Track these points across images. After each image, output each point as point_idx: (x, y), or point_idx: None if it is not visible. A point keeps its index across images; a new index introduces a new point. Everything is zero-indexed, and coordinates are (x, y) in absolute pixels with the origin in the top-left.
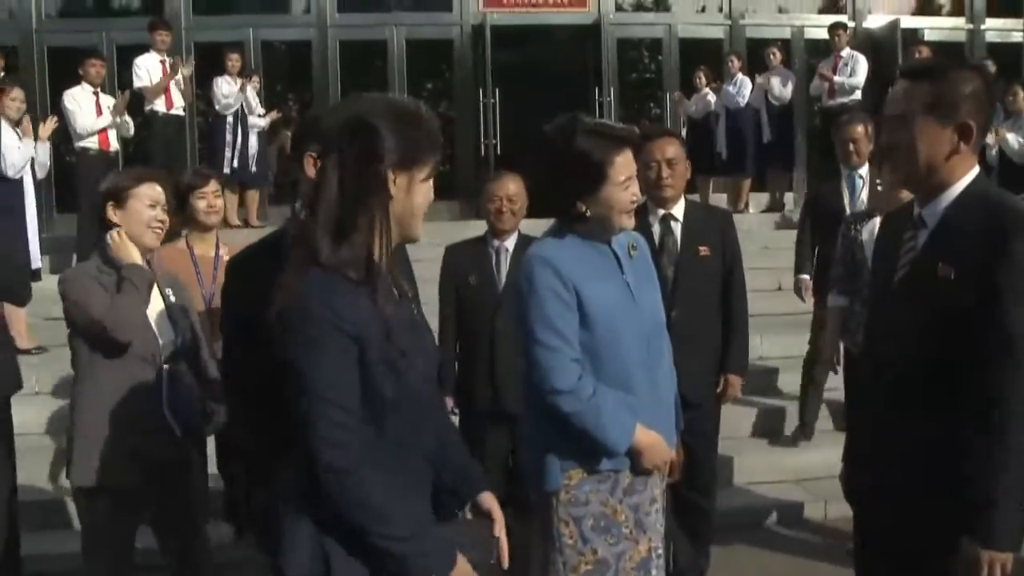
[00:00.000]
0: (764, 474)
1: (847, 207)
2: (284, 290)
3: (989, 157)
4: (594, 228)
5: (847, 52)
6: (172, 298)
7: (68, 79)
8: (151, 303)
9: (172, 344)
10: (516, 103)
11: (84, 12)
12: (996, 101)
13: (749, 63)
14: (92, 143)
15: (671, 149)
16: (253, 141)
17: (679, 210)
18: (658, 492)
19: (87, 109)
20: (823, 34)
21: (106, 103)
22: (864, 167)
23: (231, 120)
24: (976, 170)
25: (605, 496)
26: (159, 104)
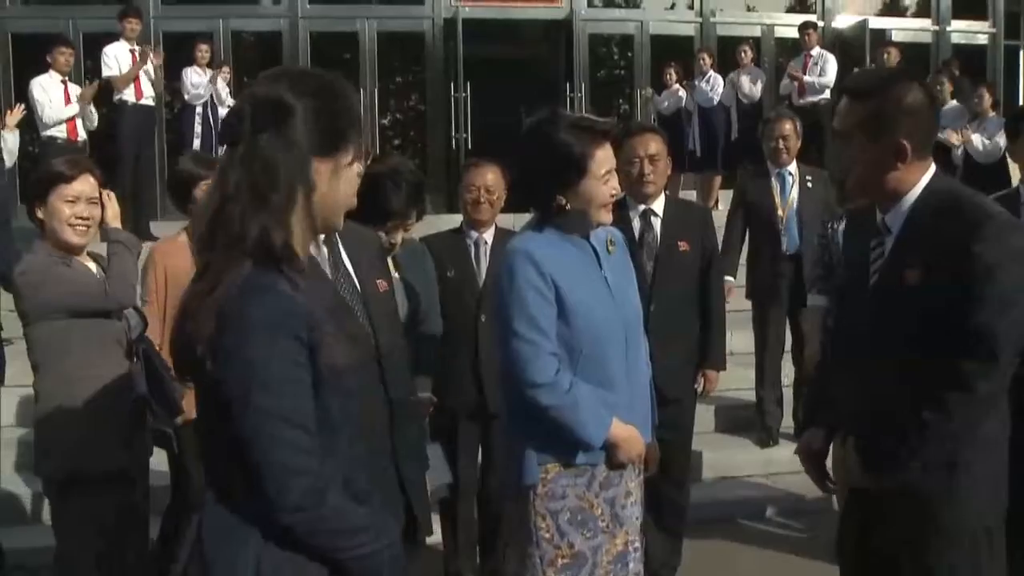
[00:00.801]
0: (733, 469)
1: (779, 206)
2: (210, 295)
3: (955, 157)
4: (573, 222)
5: (817, 51)
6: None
7: (34, 67)
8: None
9: (140, 325)
10: (487, 97)
11: None
12: (939, 112)
13: (719, 61)
14: (60, 132)
15: (654, 145)
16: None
17: (659, 205)
18: (633, 485)
19: (55, 98)
20: (793, 33)
21: (74, 92)
22: (792, 164)
23: (200, 111)
24: (931, 171)
25: (582, 490)
26: (128, 94)
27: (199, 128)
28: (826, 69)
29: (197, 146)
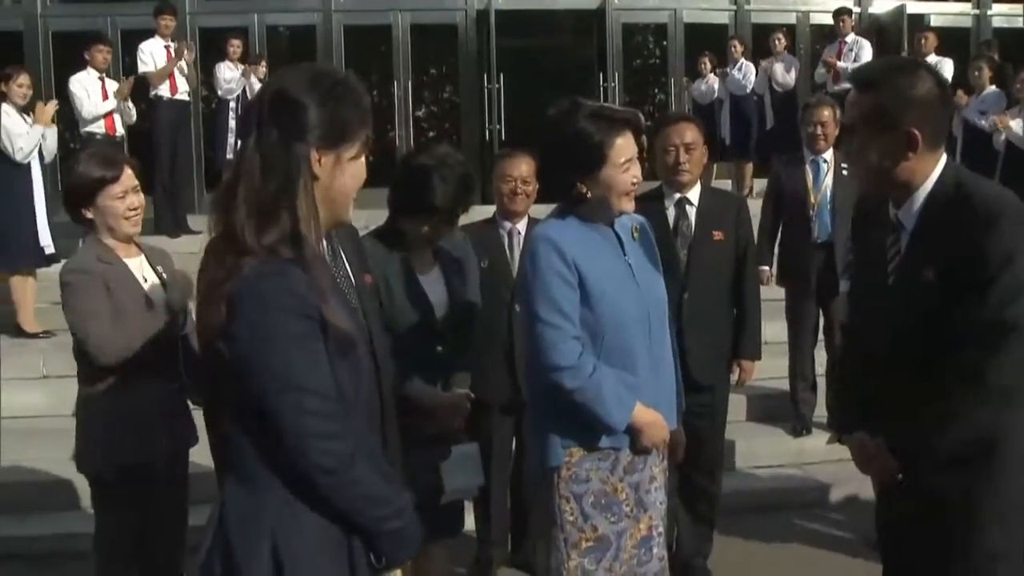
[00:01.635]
0: (766, 458)
1: (811, 193)
2: (227, 282)
3: (996, 143)
4: (594, 210)
5: (852, 38)
6: (164, 275)
7: (73, 64)
8: (147, 281)
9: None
10: (520, 89)
11: None
12: (953, 101)
13: (754, 48)
14: (98, 128)
15: (690, 134)
16: None
17: (694, 194)
18: (658, 471)
19: (93, 94)
20: (828, 19)
21: (112, 88)
22: (828, 152)
23: (234, 105)
24: (942, 163)
25: (605, 474)
26: (164, 89)
27: (232, 123)
28: (861, 56)
29: (231, 141)
